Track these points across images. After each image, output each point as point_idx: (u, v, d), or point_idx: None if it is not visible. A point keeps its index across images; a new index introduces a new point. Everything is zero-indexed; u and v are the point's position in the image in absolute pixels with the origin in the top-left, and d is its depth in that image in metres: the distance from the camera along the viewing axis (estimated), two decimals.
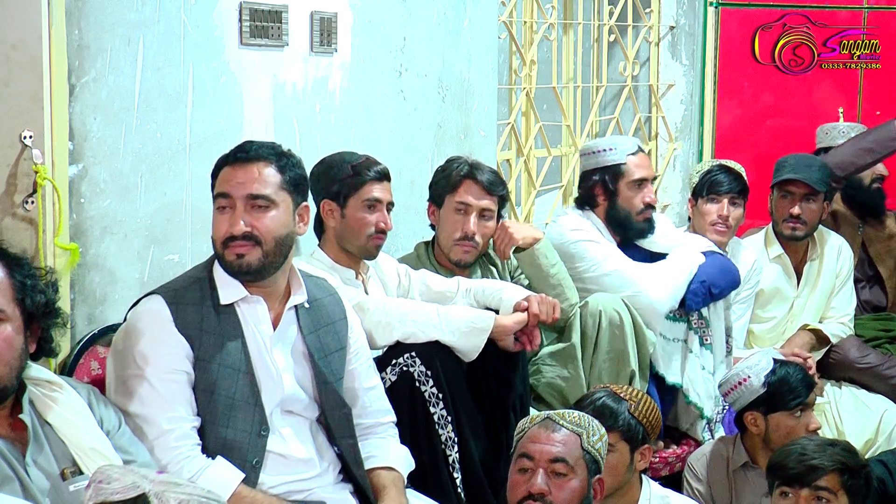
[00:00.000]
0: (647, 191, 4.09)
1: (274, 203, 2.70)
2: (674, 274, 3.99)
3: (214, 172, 2.76)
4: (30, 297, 2.41)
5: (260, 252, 2.69)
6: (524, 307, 3.33)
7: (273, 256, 2.72)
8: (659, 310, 3.93)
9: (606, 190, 4.09)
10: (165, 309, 2.69)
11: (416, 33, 3.97)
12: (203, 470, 2.61)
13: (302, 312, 2.85)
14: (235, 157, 2.73)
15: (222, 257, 2.71)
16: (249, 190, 2.68)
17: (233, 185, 2.69)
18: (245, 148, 2.74)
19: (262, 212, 2.69)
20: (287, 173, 2.74)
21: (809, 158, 4.69)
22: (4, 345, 2.34)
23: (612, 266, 3.94)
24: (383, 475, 2.91)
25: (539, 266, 3.74)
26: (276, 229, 2.71)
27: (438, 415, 3.18)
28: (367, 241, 3.36)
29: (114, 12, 3.02)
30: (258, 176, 2.70)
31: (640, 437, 3.24)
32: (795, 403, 3.55)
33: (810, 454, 3.09)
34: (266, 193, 2.69)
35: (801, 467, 3.08)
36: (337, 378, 2.89)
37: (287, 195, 2.74)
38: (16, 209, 2.83)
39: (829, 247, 4.71)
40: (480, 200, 3.68)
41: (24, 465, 2.31)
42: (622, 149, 4.10)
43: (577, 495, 2.77)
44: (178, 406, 2.64)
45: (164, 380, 2.64)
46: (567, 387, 3.79)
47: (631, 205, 4.08)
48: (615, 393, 3.31)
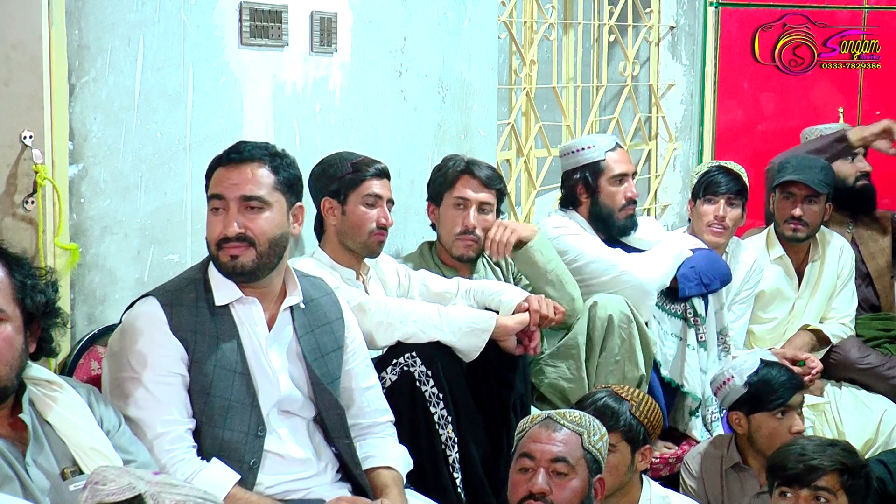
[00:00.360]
0: (628, 186, 4.11)
1: (268, 204, 2.70)
2: (657, 256, 4.05)
3: (208, 173, 2.76)
4: (30, 296, 2.41)
5: (254, 253, 2.69)
6: (525, 307, 3.33)
7: (267, 257, 2.72)
8: (647, 288, 3.95)
9: (588, 188, 4.11)
10: (160, 311, 2.68)
11: (416, 33, 3.97)
12: (197, 472, 2.61)
13: (297, 313, 2.85)
14: (229, 158, 2.72)
15: (216, 258, 2.71)
16: (243, 191, 2.68)
17: (226, 187, 2.69)
18: (238, 149, 2.74)
19: (256, 213, 2.69)
20: (281, 174, 2.73)
21: (811, 159, 4.69)
22: (4, 344, 2.34)
23: (596, 253, 3.97)
24: (383, 474, 2.91)
25: (535, 264, 3.75)
26: (270, 230, 2.70)
27: (439, 415, 3.18)
28: (369, 238, 3.36)
29: (114, 12, 3.01)
30: (251, 177, 2.69)
31: (641, 437, 3.24)
32: (776, 405, 3.54)
33: (810, 454, 3.09)
34: (259, 194, 2.69)
35: (800, 467, 3.08)
36: (332, 379, 2.89)
37: (281, 196, 2.73)
38: (16, 209, 2.83)
39: (831, 248, 4.71)
40: (479, 194, 3.69)
41: (25, 464, 2.31)
42: (600, 146, 4.13)
43: (578, 495, 2.77)
44: (172, 409, 2.64)
45: (159, 383, 2.64)
46: (569, 388, 3.79)
47: (613, 201, 4.10)
48: (616, 393, 3.31)
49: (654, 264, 4.01)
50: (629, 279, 3.93)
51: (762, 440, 3.54)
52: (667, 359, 4.07)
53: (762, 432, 3.56)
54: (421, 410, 3.17)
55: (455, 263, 3.74)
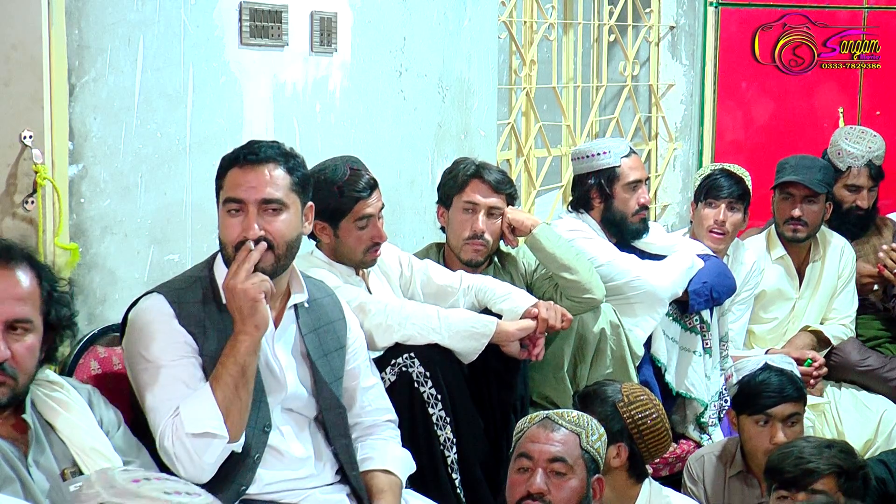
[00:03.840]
0: (642, 192, 4.12)
1: (285, 206, 2.69)
2: (670, 266, 4.04)
3: (221, 173, 2.74)
4: (55, 309, 2.41)
5: (272, 256, 2.68)
6: (534, 314, 3.33)
7: (284, 259, 2.72)
8: (660, 294, 3.95)
9: (602, 193, 4.11)
10: (167, 305, 2.68)
11: (416, 33, 3.97)
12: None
13: (301, 312, 2.85)
14: (245, 159, 2.69)
15: (234, 261, 2.67)
16: (262, 194, 2.66)
17: (245, 190, 2.66)
18: (254, 150, 2.71)
19: (275, 215, 2.68)
20: (295, 174, 2.73)
21: (810, 159, 4.68)
22: (28, 354, 2.34)
23: (607, 257, 3.96)
24: (380, 478, 2.90)
25: (543, 249, 3.73)
26: (288, 232, 2.70)
27: (437, 416, 3.18)
28: (364, 256, 3.35)
29: (114, 12, 3.01)
30: (270, 179, 2.68)
31: (615, 434, 3.20)
32: (754, 409, 3.50)
33: (807, 457, 3.07)
34: (279, 197, 2.68)
35: (797, 471, 3.06)
36: (335, 378, 2.89)
37: (296, 196, 2.73)
38: (16, 209, 2.83)
39: (832, 248, 4.70)
40: (488, 199, 3.68)
41: (27, 465, 2.31)
42: (616, 152, 4.12)
43: (576, 495, 2.78)
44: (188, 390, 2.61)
45: (172, 366, 2.63)
46: (555, 394, 3.78)
47: (626, 206, 4.10)
48: (622, 390, 3.32)
49: (667, 273, 3.99)
50: (641, 285, 3.92)
51: (748, 445, 3.52)
52: (671, 365, 4.07)
53: (744, 435, 3.54)
54: (419, 411, 3.17)
55: (462, 268, 3.72)
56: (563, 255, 3.72)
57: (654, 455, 3.38)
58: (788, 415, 3.51)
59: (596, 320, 3.72)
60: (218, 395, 2.56)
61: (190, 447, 2.56)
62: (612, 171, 4.09)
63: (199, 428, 2.55)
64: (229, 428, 2.56)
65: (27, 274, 2.38)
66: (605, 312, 3.76)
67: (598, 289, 3.73)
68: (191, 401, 2.58)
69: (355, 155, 3.41)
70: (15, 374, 2.32)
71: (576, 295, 3.65)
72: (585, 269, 3.73)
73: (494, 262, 3.83)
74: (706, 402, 4.10)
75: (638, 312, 3.96)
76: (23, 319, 2.34)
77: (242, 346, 2.58)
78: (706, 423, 4.13)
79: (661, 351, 4.03)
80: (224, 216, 2.70)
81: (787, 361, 3.70)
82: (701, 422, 4.14)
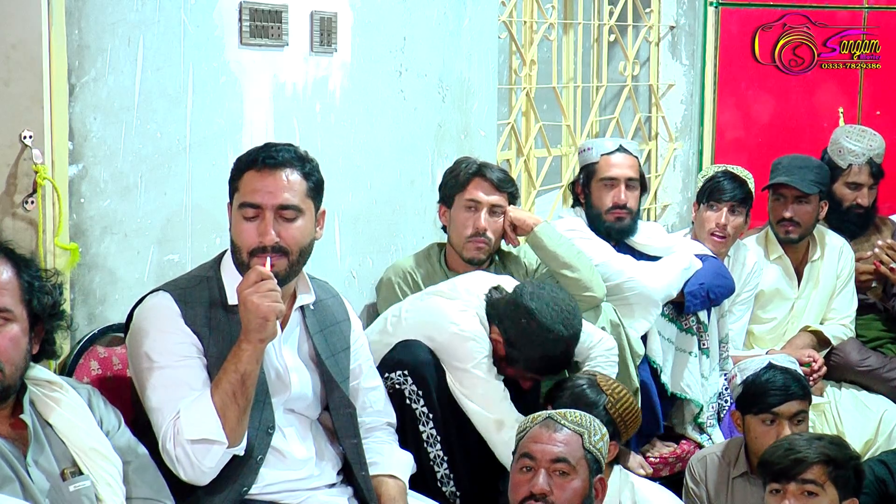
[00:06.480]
0: (617, 191, 4.11)
1: (301, 212, 2.69)
2: (666, 267, 4.04)
3: (236, 175, 2.73)
4: (37, 298, 2.42)
5: (286, 262, 2.68)
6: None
7: (297, 265, 2.72)
8: (653, 296, 3.94)
9: (584, 188, 4.18)
10: (173, 304, 2.68)
11: (416, 33, 3.97)
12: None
13: (308, 313, 2.85)
14: (264, 163, 2.69)
15: (247, 266, 2.66)
16: (280, 200, 2.66)
17: (263, 195, 2.66)
18: (271, 153, 2.70)
19: (290, 221, 2.68)
20: (310, 179, 2.73)
21: (803, 159, 4.68)
22: (11, 344, 2.36)
23: (603, 258, 3.97)
24: (389, 484, 2.91)
25: (545, 247, 3.74)
26: (302, 238, 2.71)
27: (427, 433, 3.21)
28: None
29: (114, 12, 3.01)
30: (287, 184, 2.68)
31: (610, 434, 3.20)
32: (760, 409, 3.49)
33: (797, 448, 3.08)
34: (296, 203, 2.68)
35: (786, 461, 3.06)
36: (344, 377, 2.90)
37: (311, 202, 2.73)
38: (16, 209, 2.82)
39: (830, 248, 4.70)
40: (490, 196, 3.69)
41: (26, 465, 2.32)
42: (598, 148, 4.18)
43: (579, 495, 2.78)
44: (192, 391, 2.61)
45: (177, 367, 2.63)
46: None
47: (601, 203, 4.12)
48: (597, 384, 3.31)
49: (661, 275, 3.99)
50: (635, 286, 3.92)
51: (754, 445, 3.50)
52: (667, 366, 4.06)
53: (751, 435, 3.52)
54: (410, 428, 3.19)
55: (461, 268, 3.72)
56: (564, 254, 3.73)
57: (630, 433, 3.42)
58: (795, 413, 3.50)
59: (596, 319, 3.71)
60: (216, 401, 2.56)
61: (190, 452, 2.56)
62: (591, 167, 4.15)
63: (197, 434, 2.55)
64: (228, 434, 2.56)
65: (4, 265, 2.40)
66: (605, 311, 3.75)
67: (598, 287, 3.74)
68: (191, 406, 2.58)
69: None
70: (0, 366, 2.33)
71: (576, 293, 3.65)
72: (586, 268, 3.74)
73: (496, 261, 3.82)
74: (701, 402, 4.10)
75: (635, 313, 3.96)
76: (1, 309, 2.35)
77: (245, 354, 2.57)
78: (704, 423, 4.14)
79: (656, 352, 4.03)
80: (239, 220, 2.70)
81: (789, 360, 3.70)
82: (699, 422, 4.14)
